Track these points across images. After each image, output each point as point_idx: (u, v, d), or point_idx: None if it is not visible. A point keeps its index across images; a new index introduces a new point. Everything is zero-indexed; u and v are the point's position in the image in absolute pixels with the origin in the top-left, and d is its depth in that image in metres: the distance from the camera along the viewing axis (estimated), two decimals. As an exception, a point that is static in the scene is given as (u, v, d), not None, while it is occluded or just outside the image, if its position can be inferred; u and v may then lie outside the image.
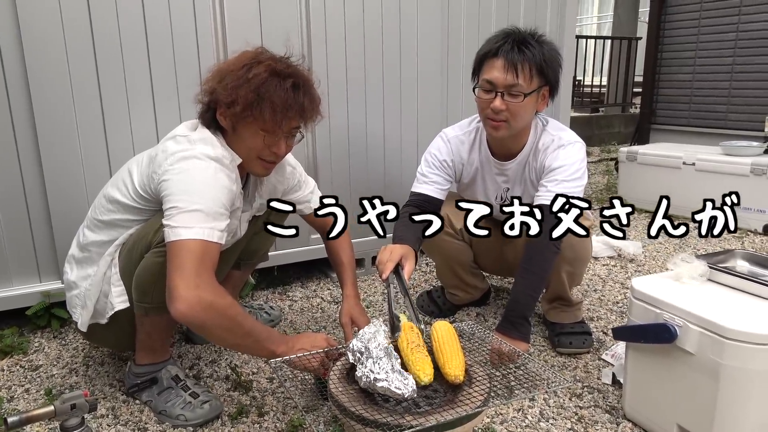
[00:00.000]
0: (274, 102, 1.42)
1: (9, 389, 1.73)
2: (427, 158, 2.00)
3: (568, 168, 1.80)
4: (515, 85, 1.71)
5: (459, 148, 1.98)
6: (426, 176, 1.98)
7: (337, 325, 2.19)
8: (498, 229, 2.19)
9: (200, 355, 1.94)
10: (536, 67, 1.71)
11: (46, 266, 2.07)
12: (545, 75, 1.74)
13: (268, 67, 1.43)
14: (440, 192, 1.97)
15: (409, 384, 1.13)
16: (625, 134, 7.16)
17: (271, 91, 1.41)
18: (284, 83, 1.43)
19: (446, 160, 1.97)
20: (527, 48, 1.70)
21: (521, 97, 1.72)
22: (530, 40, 1.72)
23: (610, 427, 1.55)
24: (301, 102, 1.46)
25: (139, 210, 1.52)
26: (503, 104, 1.73)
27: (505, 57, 1.70)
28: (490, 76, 1.73)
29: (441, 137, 2.01)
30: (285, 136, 1.51)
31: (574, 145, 1.84)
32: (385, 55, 2.56)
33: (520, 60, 1.69)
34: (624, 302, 2.39)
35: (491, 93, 1.74)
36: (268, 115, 1.43)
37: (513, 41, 1.71)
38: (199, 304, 1.26)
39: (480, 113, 1.84)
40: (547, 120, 1.91)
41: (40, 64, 1.91)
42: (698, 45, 5.35)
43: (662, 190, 3.75)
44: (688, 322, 1.34)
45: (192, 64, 2.14)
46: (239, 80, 1.41)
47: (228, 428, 1.53)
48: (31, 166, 1.98)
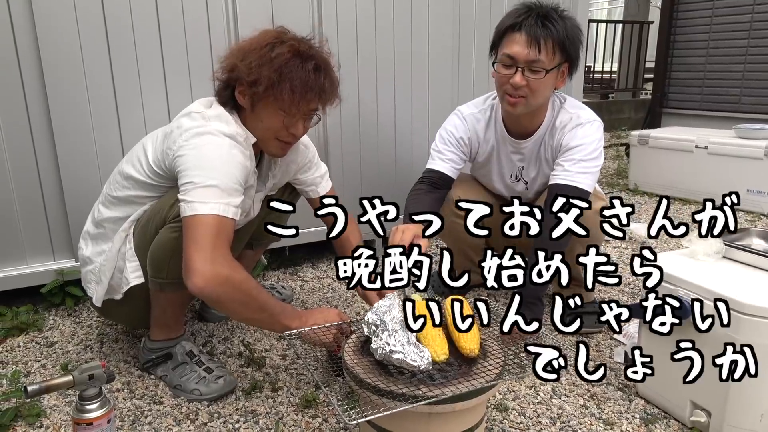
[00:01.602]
0: (295, 83, 1.42)
1: (26, 364, 1.75)
2: (443, 135, 1.97)
3: (586, 147, 1.77)
4: (537, 60, 1.67)
5: (475, 126, 1.95)
6: (441, 153, 1.95)
7: (349, 304, 2.20)
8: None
9: (213, 333, 1.96)
10: (559, 43, 1.68)
11: (60, 244, 2.09)
12: (567, 51, 1.71)
13: (291, 47, 1.43)
14: (454, 171, 1.95)
15: (424, 356, 1.14)
16: (635, 120, 7.09)
17: (293, 71, 1.41)
18: (306, 65, 1.43)
19: (462, 138, 1.94)
20: (551, 23, 1.67)
21: (542, 74, 1.69)
22: (553, 14, 1.69)
23: (623, 404, 1.56)
24: (321, 84, 1.46)
25: (154, 186, 1.52)
26: (523, 80, 1.70)
27: (528, 31, 1.66)
28: (511, 50, 1.69)
29: (457, 115, 1.98)
30: (303, 118, 1.51)
31: (593, 124, 1.82)
32: (396, 36, 2.54)
33: (543, 35, 1.66)
34: (635, 284, 2.38)
35: (511, 68, 1.71)
36: (288, 96, 1.43)
37: (537, 15, 1.67)
38: (216, 279, 1.27)
39: (498, 89, 1.81)
40: (565, 98, 1.89)
41: (53, 43, 1.91)
42: (712, 27, 5.26)
43: (674, 174, 3.78)
44: (704, 298, 1.33)
45: (203, 44, 2.14)
46: (262, 59, 1.41)
47: (242, 402, 1.55)
48: (45, 145, 1.98)
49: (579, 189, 1.75)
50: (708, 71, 5.37)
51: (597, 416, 1.51)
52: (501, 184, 2.05)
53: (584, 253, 1.93)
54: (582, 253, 1.93)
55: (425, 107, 2.71)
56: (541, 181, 1.98)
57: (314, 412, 1.50)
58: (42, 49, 1.90)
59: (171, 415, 1.49)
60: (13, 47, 1.88)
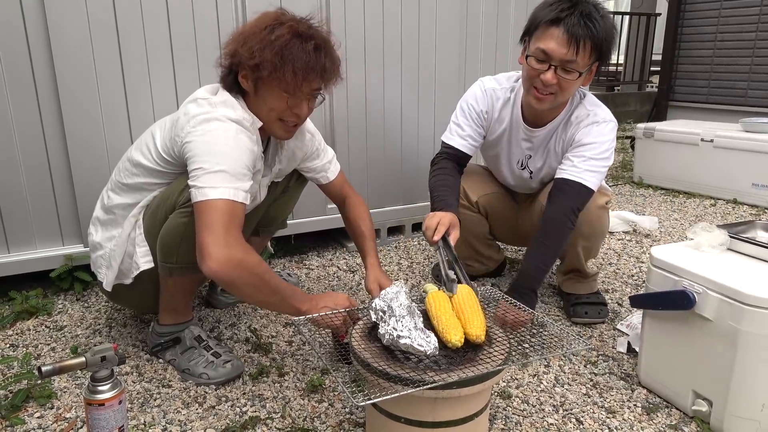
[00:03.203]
0: (296, 64, 1.42)
1: (36, 347, 1.78)
2: (464, 107, 1.94)
3: (599, 146, 1.77)
4: (573, 61, 1.62)
5: (494, 101, 1.93)
6: (461, 128, 1.94)
7: (354, 292, 2.22)
8: (515, 198, 2.20)
9: (220, 319, 1.98)
10: (596, 45, 1.62)
11: (69, 230, 2.11)
12: (602, 52, 1.65)
13: (291, 28, 1.43)
14: (471, 148, 1.95)
15: (431, 342, 1.15)
16: (641, 112, 7.07)
17: (294, 52, 1.42)
18: (306, 45, 1.43)
19: (483, 111, 1.92)
20: (592, 23, 1.59)
21: (575, 75, 1.65)
22: (595, 13, 1.61)
23: (625, 393, 1.57)
24: (322, 64, 1.46)
25: (163, 173, 1.54)
26: (555, 78, 1.65)
27: (569, 30, 1.59)
28: (548, 46, 1.63)
29: (480, 86, 1.95)
30: (306, 98, 1.51)
31: (608, 124, 1.80)
32: (403, 23, 2.54)
33: (583, 35, 1.59)
34: (639, 275, 2.40)
35: (544, 64, 1.65)
36: (290, 77, 1.43)
37: (581, 14, 1.59)
38: (230, 262, 1.29)
39: (525, 80, 1.77)
40: (585, 93, 1.86)
41: (63, 29, 1.92)
42: (720, 20, 5.24)
43: (679, 168, 3.78)
44: (708, 289, 1.34)
45: (212, 34, 2.14)
46: (262, 42, 1.41)
47: (249, 387, 1.57)
48: (54, 131, 2.00)
49: (584, 186, 1.75)
50: (715, 64, 5.35)
51: (599, 404, 1.52)
52: (507, 170, 2.05)
53: (587, 244, 1.95)
54: (585, 245, 1.95)
55: (431, 94, 2.72)
56: (545, 172, 1.98)
57: (320, 397, 1.53)
58: (52, 37, 1.91)
59: (179, 398, 1.51)
60: (23, 36, 1.89)
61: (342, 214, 1.92)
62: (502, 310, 1.55)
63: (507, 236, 2.30)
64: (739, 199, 3.56)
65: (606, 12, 1.66)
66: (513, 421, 1.45)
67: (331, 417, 1.45)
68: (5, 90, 1.90)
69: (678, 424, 1.45)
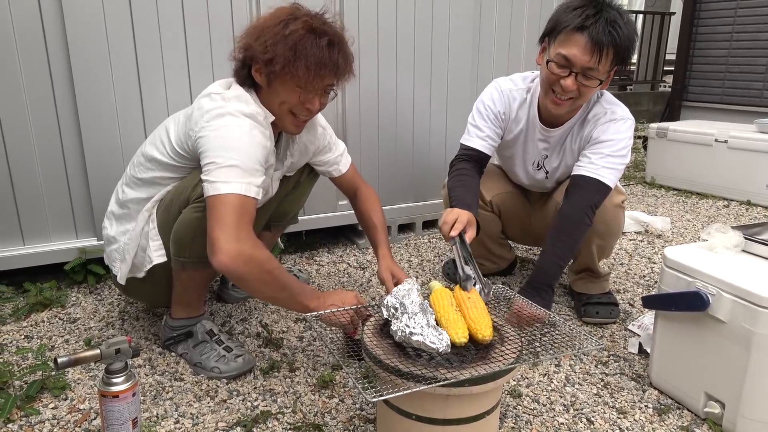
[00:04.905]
0: (309, 60, 1.43)
1: (50, 339, 1.80)
2: (480, 109, 1.93)
3: (616, 143, 1.76)
4: (594, 68, 1.61)
5: (510, 102, 1.92)
6: (479, 129, 1.92)
7: (364, 289, 2.22)
8: (528, 198, 2.20)
9: (231, 314, 1.99)
10: (618, 52, 1.61)
11: (83, 223, 2.13)
12: (622, 58, 1.64)
13: (305, 23, 1.43)
14: (490, 148, 1.93)
15: (443, 339, 1.15)
16: (653, 112, 7.02)
17: (307, 48, 1.42)
18: (320, 41, 1.44)
19: (500, 112, 1.91)
20: (617, 30, 1.58)
21: (596, 81, 1.65)
22: (620, 20, 1.59)
23: (636, 394, 1.57)
24: (335, 60, 1.47)
25: (177, 167, 1.55)
26: (575, 84, 1.64)
27: (593, 37, 1.57)
28: (570, 52, 1.61)
29: (496, 87, 1.94)
30: (318, 93, 1.52)
31: (626, 122, 1.79)
32: (417, 20, 2.54)
33: (606, 43, 1.57)
34: (651, 276, 2.38)
35: (565, 69, 1.64)
36: (303, 72, 1.43)
37: (606, 21, 1.57)
38: (240, 257, 1.30)
39: (544, 83, 1.76)
40: (603, 92, 1.85)
41: (78, 23, 1.94)
42: (736, 20, 5.18)
43: (692, 168, 3.76)
44: (722, 291, 1.34)
45: (225, 25, 2.15)
46: (276, 36, 1.42)
47: (260, 381, 1.58)
48: (70, 127, 2.02)
49: (602, 183, 1.74)
50: (730, 64, 5.29)
51: (610, 405, 1.52)
52: (522, 171, 2.05)
53: (601, 243, 1.94)
54: (599, 243, 1.94)
55: (444, 90, 2.71)
56: (562, 171, 1.97)
57: (331, 393, 1.53)
58: (68, 30, 1.92)
59: (191, 392, 1.53)
60: (40, 28, 1.91)
61: (353, 206, 1.93)
62: (517, 307, 1.55)
63: (520, 235, 2.29)
64: (753, 201, 3.53)
65: (629, 18, 1.64)
66: (523, 420, 1.45)
67: (341, 413, 1.45)
68: (22, 84, 1.92)
69: (690, 425, 1.44)
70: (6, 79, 1.90)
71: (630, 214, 2.98)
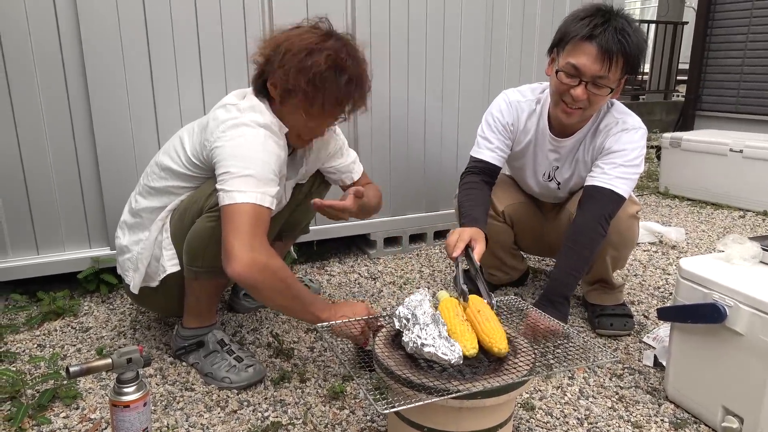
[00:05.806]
0: (327, 98, 1.45)
1: (62, 348, 1.81)
2: (489, 121, 1.93)
3: (629, 153, 1.74)
4: (604, 77, 1.61)
5: (519, 113, 1.91)
6: (489, 141, 1.91)
7: (375, 300, 2.21)
8: (541, 208, 2.18)
9: (242, 324, 1.99)
10: (628, 60, 1.60)
11: (96, 233, 2.14)
12: (633, 66, 1.63)
13: (328, 58, 1.43)
14: (500, 160, 1.93)
15: (455, 350, 1.14)
16: (666, 122, 6.97)
17: (327, 84, 1.43)
18: (340, 79, 1.44)
19: (508, 123, 1.90)
20: (626, 39, 1.57)
21: (606, 90, 1.64)
22: (628, 28, 1.59)
23: (652, 408, 1.54)
24: (352, 97, 1.49)
25: (191, 177, 1.56)
26: (585, 93, 1.64)
27: (603, 46, 1.57)
28: (579, 61, 1.61)
29: (504, 99, 1.93)
30: (328, 124, 1.55)
31: (638, 131, 1.78)
32: (428, 30, 2.55)
33: (616, 51, 1.57)
34: (665, 288, 2.35)
35: (575, 79, 1.64)
36: (318, 109, 1.47)
37: (614, 30, 1.57)
38: (255, 266, 1.30)
39: (553, 93, 1.76)
40: (613, 102, 1.84)
41: (94, 34, 1.96)
42: (750, 28, 5.14)
43: (706, 178, 3.72)
44: (739, 303, 1.31)
45: (239, 37, 2.17)
46: (298, 65, 1.42)
47: (271, 392, 1.57)
48: (84, 136, 2.04)
49: (615, 194, 1.73)
50: (745, 73, 5.25)
51: (625, 419, 1.49)
52: (533, 181, 2.03)
53: (616, 254, 1.92)
54: (614, 254, 1.92)
55: (455, 100, 2.71)
56: (574, 182, 1.96)
57: (341, 404, 1.52)
58: (84, 42, 1.95)
59: (202, 402, 1.52)
60: (57, 42, 1.93)
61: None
62: (532, 320, 1.53)
63: (532, 246, 2.28)
64: (770, 211, 3.48)
65: (638, 26, 1.63)
66: (537, 434, 1.43)
67: (352, 424, 1.44)
68: (39, 96, 1.95)
69: (707, 440, 1.41)
70: (22, 91, 1.93)
71: (644, 225, 2.94)
